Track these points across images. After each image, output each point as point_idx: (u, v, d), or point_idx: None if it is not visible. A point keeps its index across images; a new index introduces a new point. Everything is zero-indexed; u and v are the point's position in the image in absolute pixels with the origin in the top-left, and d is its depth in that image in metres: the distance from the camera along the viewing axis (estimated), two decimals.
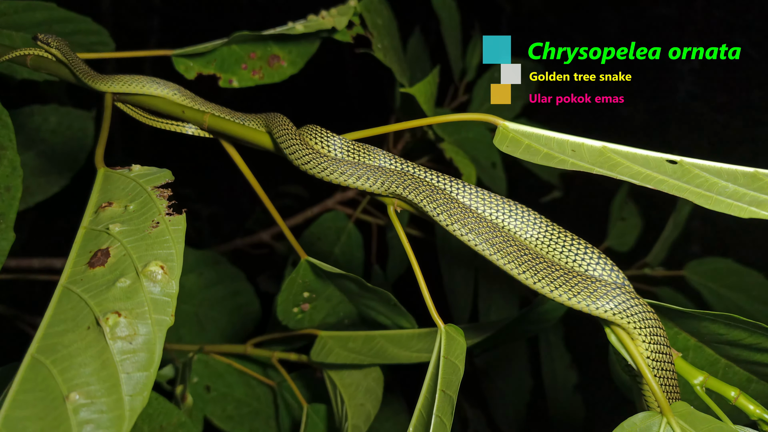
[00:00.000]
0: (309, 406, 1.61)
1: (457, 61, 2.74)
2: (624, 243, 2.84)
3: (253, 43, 1.56)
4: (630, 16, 4.04)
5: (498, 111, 2.84)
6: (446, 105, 2.89)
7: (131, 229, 0.79)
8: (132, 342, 0.65)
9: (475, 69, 2.86)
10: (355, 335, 1.50)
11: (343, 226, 2.49)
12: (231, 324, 2.11)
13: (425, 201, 0.97)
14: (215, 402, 1.69)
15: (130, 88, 1.19)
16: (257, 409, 1.78)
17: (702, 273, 2.72)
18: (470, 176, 2.23)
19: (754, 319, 2.50)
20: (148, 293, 0.70)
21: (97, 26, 1.86)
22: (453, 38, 2.68)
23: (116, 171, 0.94)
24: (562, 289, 0.86)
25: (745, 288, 2.68)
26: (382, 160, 1.05)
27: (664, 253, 2.69)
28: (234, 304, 2.10)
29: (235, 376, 1.76)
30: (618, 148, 0.88)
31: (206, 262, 2.11)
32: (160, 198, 0.84)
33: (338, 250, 2.48)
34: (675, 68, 3.87)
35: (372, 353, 1.45)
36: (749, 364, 0.94)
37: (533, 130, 0.92)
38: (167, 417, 1.38)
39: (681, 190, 0.79)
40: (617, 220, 2.79)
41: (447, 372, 0.86)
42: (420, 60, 2.73)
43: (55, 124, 2.27)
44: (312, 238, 2.41)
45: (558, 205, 3.05)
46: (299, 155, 1.02)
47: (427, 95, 2.03)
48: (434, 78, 2.05)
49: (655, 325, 0.83)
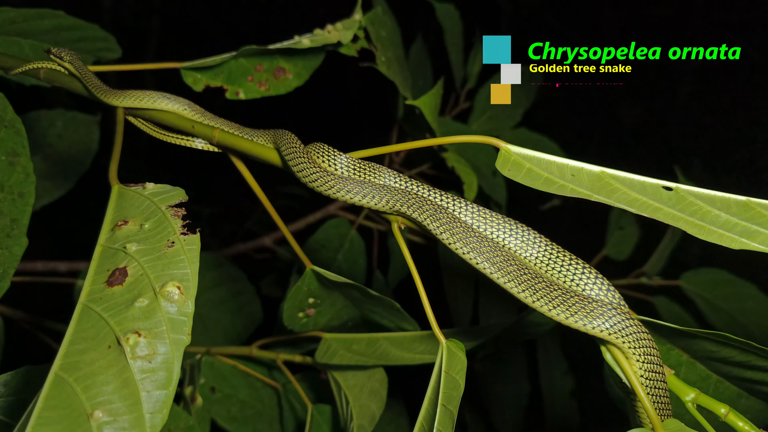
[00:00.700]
0: (313, 407, 1.65)
1: (459, 68, 2.78)
2: (621, 252, 2.87)
3: (261, 56, 1.59)
4: (630, 16, 4.06)
5: (499, 119, 2.88)
6: (447, 113, 2.92)
7: (147, 248, 0.82)
8: (151, 361, 0.68)
9: (476, 77, 2.90)
10: (359, 337, 1.53)
11: (345, 233, 2.52)
12: (233, 325, 2.15)
13: (429, 220, 1.00)
14: (220, 403, 1.73)
15: (142, 103, 1.22)
16: (261, 411, 1.82)
17: (697, 283, 2.75)
18: (471, 184, 2.27)
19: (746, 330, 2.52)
20: (166, 313, 0.73)
21: (104, 33, 1.89)
22: (455, 47, 2.71)
23: (130, 188, 0.97)
24: (560, 308, 0.90)
25: (740, 299, 2.71)
26: (387, 179, 1.08)
27: (662, 263, 2.72)
28: (236, 305, 2.13)
29: (240, 378, 1.79)
30: (616, 173, 0.91)
31: (208, 264, 2.14)
32: (175, 217, 0.87)
33: (341, 257, 2.52)
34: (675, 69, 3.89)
35: (375, 355, 1.48)
36: (740, 380, 0.98)
37: (534, 154, 0.95)
38: (175, 421, 1.41)
39: (675, 219, 0.82)
40: (615, 228, 2.82)
41: (448, 387, 0.90)
42: (422, 67, 2.76)
43: (61, 129, 2.30)
44: (316, 245, 2.45)
45: (557, 213, 3.08)
46: (307, 173, 1.05)
47: (431, 107, 2.06)
48: (438, 90, 2.08)
49: (648, 345, 0.87)
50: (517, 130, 2.85)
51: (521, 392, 2.85)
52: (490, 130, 2.81)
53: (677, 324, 2.68)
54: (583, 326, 0.88)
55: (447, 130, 2.58)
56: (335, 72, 4.42)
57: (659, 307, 2.73)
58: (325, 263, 2.39)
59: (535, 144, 2.86)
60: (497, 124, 2.81)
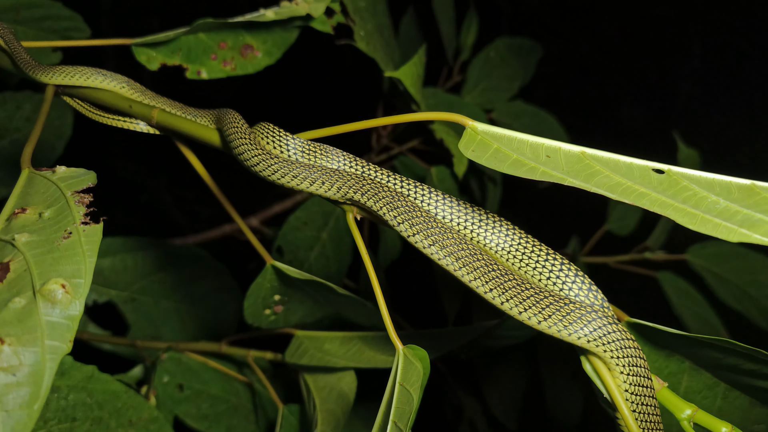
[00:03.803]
0: (285, 407, 1.55)
1: (450, 40, 2.62)
2: (625, 226, 2.73)
3: (222, 31, 1.45)
4: (630, 16, 3.97)
5: (494, 91, 2.73)
6: (440, 85, 2.77)
7: (40, 240, 0.71)
8: (15, 374, 0.57)
9: (470, 48, 2.74)
10: (332, 336, 1.43)
11: (331, 210, 2.39)
12: (216, 321, 2.04)
13: (385, 209, 0.88)
14: (189, 401, 1.62)
15: (73, 80, 1.09)
16: (236, 405, 1.72)
17: (705, 256, 2.62)
18: (462, 157, 2.14)
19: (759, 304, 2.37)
20: (44, 316, 0.62)
21: (69, 12, 1.76)
22: (446, 15, 2.55)
23: (40, 172, 0.85)
24: (531, 311, 0.77)
25: (751, 272, 2.58)
26: (341, 162, 0.95)
27: (665, 236, 2.59)
28: (218, 301, 2.02)
29: (211, 373, 1.69)
30: (599, 154, 0.78)
31: (188, 257, 2.03)
32: (78, 204, 0.75)
33: (326, 236, 2.39)
34: (676, 69, 3.83)
35: (348, 356, 1.38)
36: (751, 389, 0.85)
37: (505, 132, 0.82)
38: (137, 411, 1.32)
39: (664, 206, 0.69)
40: (618, 202, 2.68)
41: (401, 402, 0.78)
42: (413, 40, 2.60)
43: (30, 112, 2.17)
44: (297, 223, 2.32)
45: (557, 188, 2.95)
46: (248, 156, 0.93)
47: (413, 78, 1.91)
48: (420, 59, 1.93)
49: (634, 354, 0.74)
50: (513, 102, 2.69)
51: (520, 373, 2.74)
52: (484, 102, 2.66)
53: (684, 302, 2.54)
54: (558, 332, 0.76)
55: (438, 101, 2.43)
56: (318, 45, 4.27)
57: (664, 282, 2.61)
58: (308, 241, 2.27)
59: (531, 117, 2.71)
60: (492, 97, 2.66)
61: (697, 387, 0.86)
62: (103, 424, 1.26)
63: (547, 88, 3.74)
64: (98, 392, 1.25)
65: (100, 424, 1.25)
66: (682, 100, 3.79)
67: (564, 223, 3.10)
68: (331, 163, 0.95)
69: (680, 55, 3.79)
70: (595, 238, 2.64)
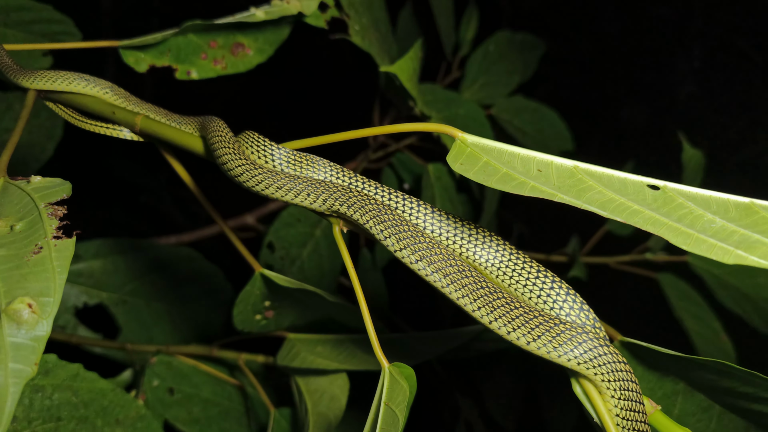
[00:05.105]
0: (276, 411, 1.53)
1: (449, 34, 2.57)
2: (625, 226, 2.70)
3: (213, 32, 1.42)
4: (630, 16, 3.94)
5: (493, 87, 2.69)
6: (439, 81, 2.73)
7: (9, 255, 0.68)
8: None
9: (470, 43, 2.69)
10: (325, 338, 1.41)
11: None
12: (207, 323, 2.02)
13: (371, 222, 0.85)
14: (179, 405, 1.60)
15: (55, 85, 1.07)
16: (227, 409, 1.69)
17: (706, 258, 2.58)
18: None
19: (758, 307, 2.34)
20: (8, 337, 0.59)
21: (60, 15, 1.73)
22: (444, 8, 2.50)
23: (14, 182, 0.83)
24: (520, 330, 0.75)
25: (751, 274, 2.54)
26: (328, 173, 0.93)
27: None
28: (209, 303, 2.00)
29: (202, 376, 1.67)
30: (592, 168, 0.75)
31: (180, 259, 2.00)
32: (51, 217, 0.73)
33: (320, 232, 2.36)
34: (676, 69, 3.79)
35: (340, 358, 1.36)
36: (746, 412, 0.82)
37: (495, 145, 0.79)
38: (124, 410, 1.29)
39: (657, 224, 0.66)
40: None
41: (386, 422, 0.76)
42: (412, 35, 2.56)
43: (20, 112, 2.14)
44: (291, 219, 2.29)
45: None
46: (232, 165, 0.90)
47: (409, 72, 1.87)
48: (416, 53, 1.89)
49: (626, 378, 0.72)
50: (513, 97, 2.65)
51: (518, 374, 2.72)
52: (483, 98, 2.62)
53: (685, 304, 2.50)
54: (548, 354, 0.73)
55: (435, 98, 2.39)
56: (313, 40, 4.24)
57: (665, 284, 2.58)
58: (300, 239, 2.24)
59: (532, 113, 2.67)
60: (490, 92, 2.62)
61: (691, 409, 0.83)
62: (89, 423, 1.24)
63: (547, 88, 3.70)
64: (84, 391, 1.23)
65: (86, 423, 1.23)
66: (682, 100, 3.76)
67: (564, 223, 3.06)
68: (317, 174, 0.92)
69: (680, 55, 3.76)
70: (596, 238, 2.61)
